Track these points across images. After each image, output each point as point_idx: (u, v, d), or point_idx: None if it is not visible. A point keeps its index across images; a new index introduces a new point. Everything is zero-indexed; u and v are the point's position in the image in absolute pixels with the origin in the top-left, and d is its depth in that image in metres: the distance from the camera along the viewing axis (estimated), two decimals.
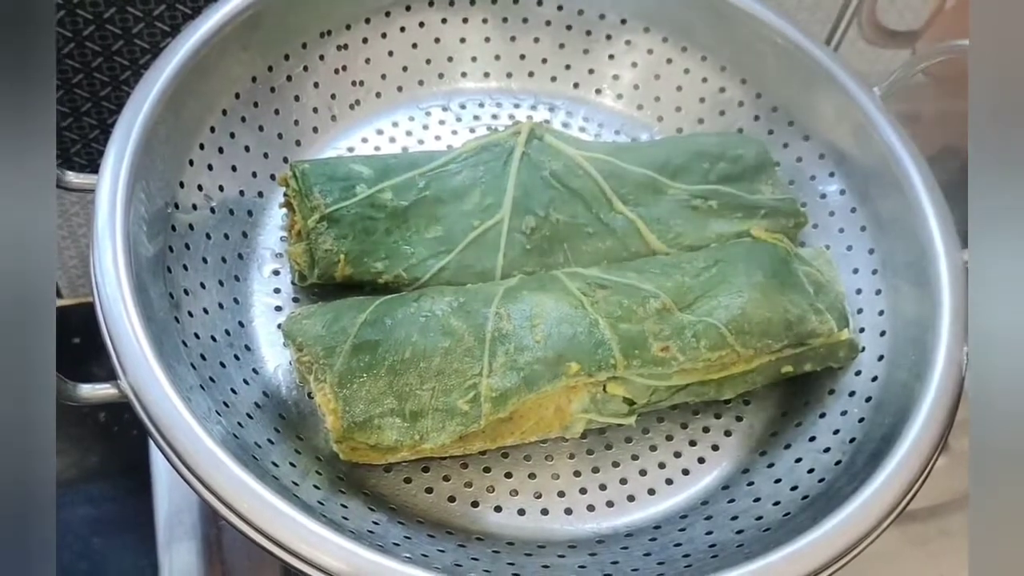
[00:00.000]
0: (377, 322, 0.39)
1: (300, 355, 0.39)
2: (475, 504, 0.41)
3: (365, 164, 0.45)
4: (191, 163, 0.44)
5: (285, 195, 0.45)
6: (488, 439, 0.40)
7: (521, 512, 0.41)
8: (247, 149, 0.47)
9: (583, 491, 0.42)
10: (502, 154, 0.46)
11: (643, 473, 0.42)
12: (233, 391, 0.40)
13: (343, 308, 0.40)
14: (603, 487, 0.42)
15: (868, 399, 0.42)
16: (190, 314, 0.41)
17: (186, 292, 0.41)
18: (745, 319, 0.41)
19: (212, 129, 0.45)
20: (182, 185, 0.43)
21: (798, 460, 0.42)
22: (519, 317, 0.39)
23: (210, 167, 0.45)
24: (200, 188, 0.44)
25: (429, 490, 0.41)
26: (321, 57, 0.49)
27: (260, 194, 0.47)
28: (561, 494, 0.42)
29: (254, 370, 0.42)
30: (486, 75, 0.53)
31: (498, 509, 0.41)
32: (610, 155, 0.47)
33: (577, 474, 0.42)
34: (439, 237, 0.44)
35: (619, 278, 0.41)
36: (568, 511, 0.41)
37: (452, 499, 0.41)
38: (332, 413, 0.38)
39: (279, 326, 0.44)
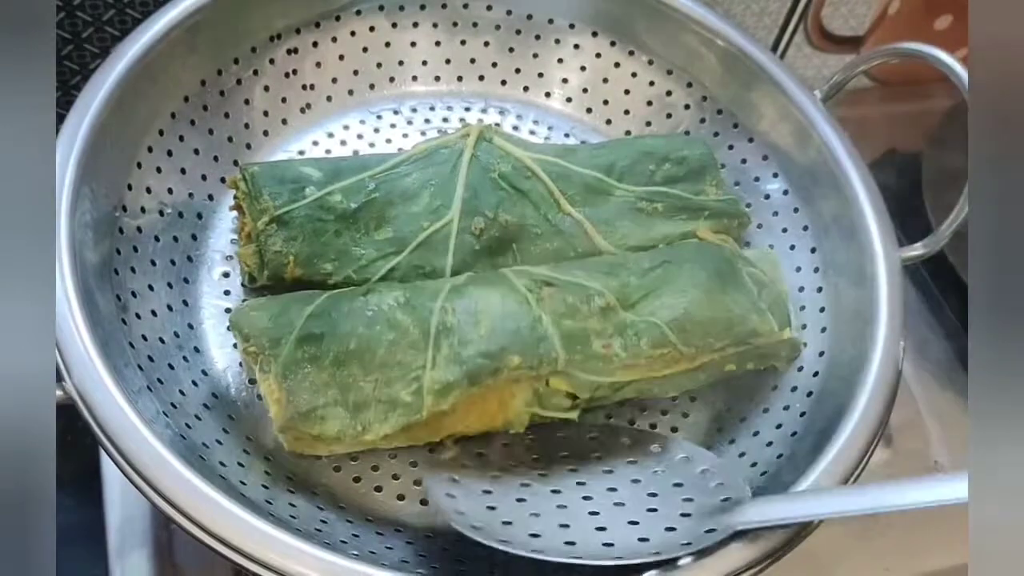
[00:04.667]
0: (323, 315, 0.40)
1: (246, 345, 0.39)
2: (424, 502, 0.41)
3: (315, 167, 0.45)
4: (139, 166, 0.44)
5: (235, 198, 0.45)
6: (432, 431, 0.40)
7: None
8: (196, 152, 0.47)
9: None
10: (452, 156, 0.46)
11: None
12: (181, 392, 0.40)
13: (290, 301, 0.41)
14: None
15: (809, 394, 0.43)
16: (138, 316, 0.41)
17: (134, 295, 0.41)
18: (687, 318, 0.41)
19: (160, 132, 0.45)
20: (130, 188, 0.43)
21: (742, 454, 0.42)
22: (464, 312, 0.40)
23: (159, 170, 0.45)
24: (148, 191, 0.44)
25: (378, 488, 0.41)
26: (271, 61, 0.49)
27: (210, 197, 0.47)
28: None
29: (203, 372, 0.42)
30: (436, 79, 0.54)
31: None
32: (558, 157, 0.47)
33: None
34: (389, 239, 0.45)
35: (566, 276, 0.42)
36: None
37: (401, 497, 0.41)
38: (276, 403, 0.38)
39: (228, 328, 0.44)
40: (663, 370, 0.42)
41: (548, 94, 0.54)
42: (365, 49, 0.52)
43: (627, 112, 0.54)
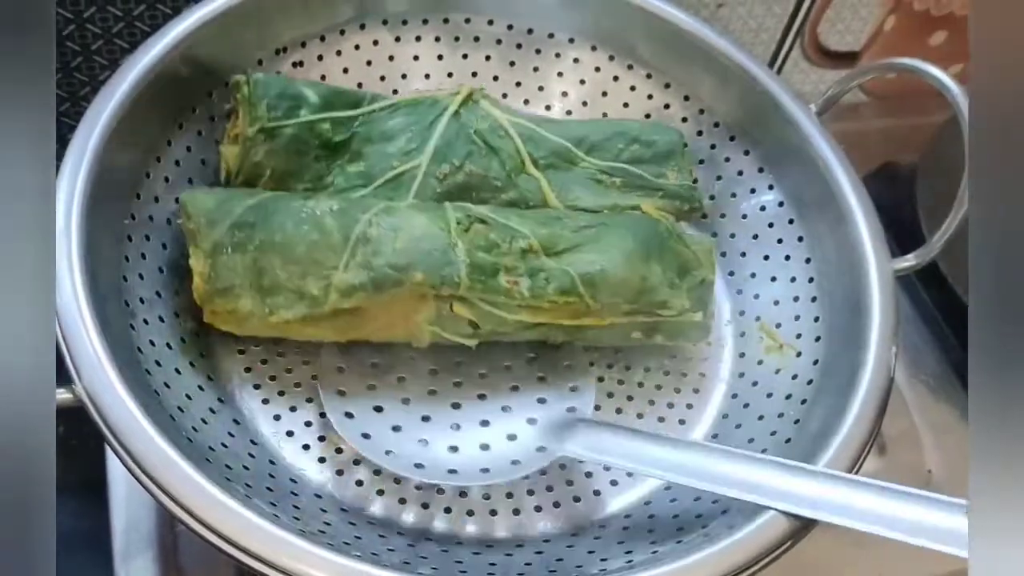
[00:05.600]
0: (260, 208, 0.42)
1: (187, 222, 0.42)
2: (425, 506, 0.42)
3: (314, 90, 0.48)
4: (147, 175, 0.45)
5: (233, 98, 0.47)
6: (338, 330, 0.43)
7: (470, 513, 0.42)
8: (203, 163, 0.48)
9: (530, 492, 0.43)
10: (437, 109, 0.49)
11: (588, 475, 0.44)
12: (188, 397, 0.41)
13: (237, 192, 0.44)
14: (550, 488, 0.43)
15: (803, 401, 0.44)
16: (145, 322, 0.42)
17: (141, 301, 0.42)
18: (600, 275, 0.43)
19: (168, 143, 0.46)
20: (138, 197, 0.44)
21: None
22: (387, 227, 0.42)
23: (167, 180, 0.46)
24: (157, 200, 0.45)
25: (380, 492, 0.42)
26: (277, 74, 0.50)
27: None
28: (509, 495, 0.43)
29: (209, 377, 0.43)
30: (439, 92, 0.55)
31: (447, 510, 0.42)
32: (535, 124, 0.50)
33: (525, 476, 0.43)
34: (360, 172, 0.47)
35: (501, 218, 0.44)
36: (516, 511, 0.42)
37: (403, 500, 0.42)
38: (199, 276, 0.42)
39: (235, 335, 0.45)
40: (569, 319, 0.43)
41: (548, 107, 0.55)
42: (369, 62, 0.53)
43: None
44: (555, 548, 0.41)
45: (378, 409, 0.43)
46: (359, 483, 0.42)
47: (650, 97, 0.54)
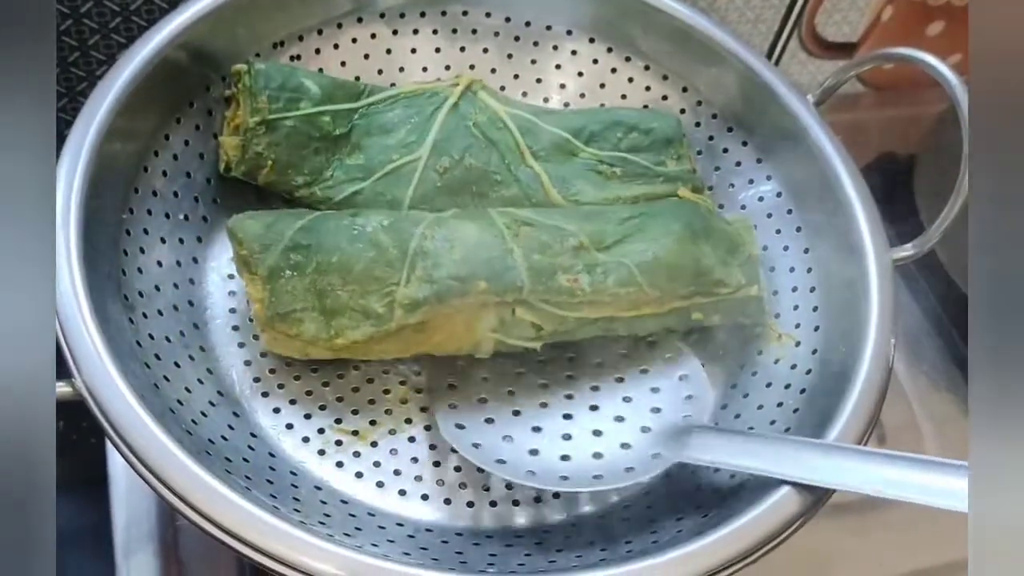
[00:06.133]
0: (312, 229, 0.42)
1: (239, 249, 0.42)
2: (424, 497, 0.42)
3: (315, 82, 0.48)
4: (145, 170, 0.45)
5: (234, 85, 0.47)
6: (402, 346, 0.43)
7: (470, 504, 0.42)
8: (201, 156, 0.48)
9: None
10: (436, 101, 0.49)
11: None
12: (187, 390, 0.41)
13: (283, 214, 0.44)
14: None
15: (803, 391, 0.44)
16: (144, 316, 0.42)
17: (141, 294, 0.42)
18: (656, 262, 0.44)
19: (166, 137, 0.46)
20: (136, 191, 0.44)
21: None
22: (442, 239, 0.42)
23: (164, 174, 0.46)
24: (155, 194, 0.45)
25: (380, 484, 0.42)
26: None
27: (215, 200, 0.48)
28: (509, 487, 0.43)
29: (208, 370, 0.43)
30: None
31: (447, 502, 0.42)
32: (534, 115, 0.50)
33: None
34: (359, 165, 0.48)
35: (546, 220, 0.44)
36: (516, 503, 0.43)
37: (403, 492, 0.42)
38: (259, 303, 0.41)
39: (234, 327, 0.45)
40: (629, 311, 0.44)
41: (546, 99, 0.55)
42: (366, 56, 0.53)
43: None
44: (554, 539, 0.41)
45: (489, 421, 0.43)
46: (359, 475, 0.42)
47: (648, 89, 0.54)
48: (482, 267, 0.42)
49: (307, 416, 0.43)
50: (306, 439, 0.43)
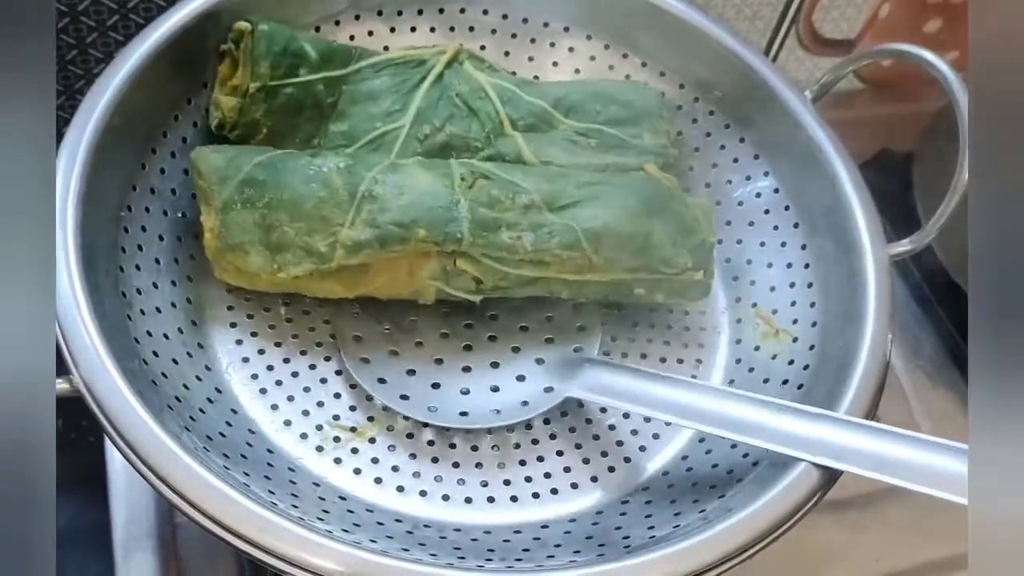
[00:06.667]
0: (269, 165, 0.43)
1: (198, 179, 0.43)
2: (423, 493, 0.42)
3: (314, 47, 0.48)
4: (143, 167, 0.45)
5: (230, 40, 0.47)
6: (345, 286, 0.44)
7: (468, 500, 0.42)
8: None
9: (528, 479, 0.43)
10: (422, 71, 0.50)
11: (586, 461, 0.44)
12: (185, 387, 0.41)
13: (245, 150, 0.45)
14: (548, 475, 0.43)
15: (800, 386, 0.44)
16: (142, 313, 0.42)
17: (138, 291, 0.42)
18: (605, 230, 0.44)
19: (164, 135, 0.46)
20: (134, 188, 0.44)
21: (733, 446, 0.43)
22: (392, 184, 0.43)
23: (162, 171, 0.46)
24: (153, 191, 0.45)
25: (378, 480, 0.42)
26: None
27: None
28: (507, 482, 0.43)
29: (206, 367, 0.43)
30: None
31: (445, 498, 0.42)
32: (515, 86, 0.50)
33: (523, 463, 0.44)
34: (343, 131, 0.48)
35: (504, 174, 0.45)
36: (514, 499, 0.43)
37: (401, 488, 0.42)
38: (210, 231, 0.43)
39: (231, 324, 0.45)
40: (572, 274, 0.44)
41: None
42: (362, 49, 0.53)
43: None
44: (552, 535, 0.41)
45: (393, 353, 0.45)
46: (357, 471, 0.42)
47: (645, 85, 0.54)
48: (424, 214, 0.42)
49: (305, 413, 0.43)
50: (304, 435, 0.43)
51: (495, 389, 0.44)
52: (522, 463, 0.44)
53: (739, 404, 0.40)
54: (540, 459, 0.44)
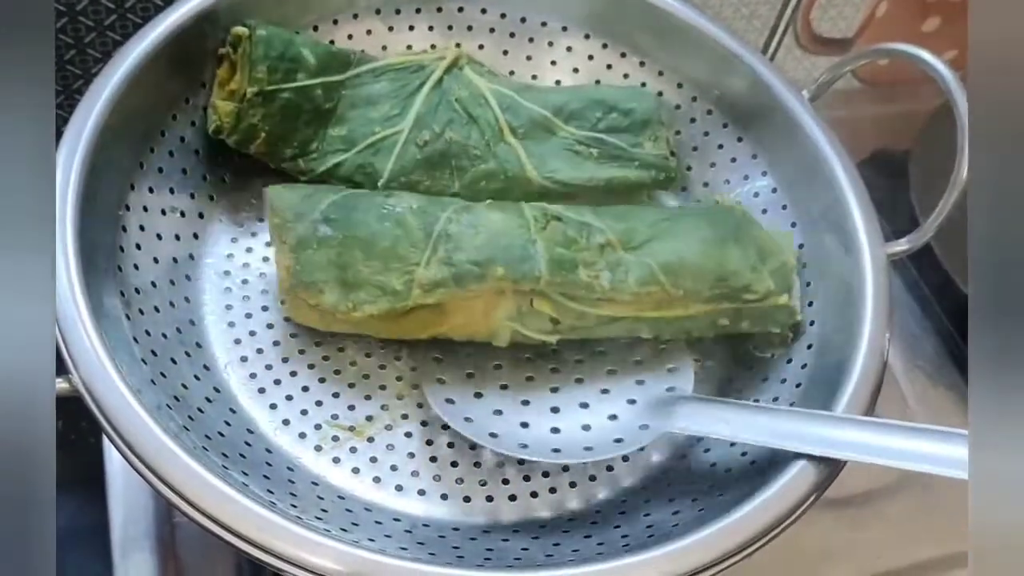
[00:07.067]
0: (344, 204, 0.43)
1: (273, 217, 0.43)
2: (421, 492, 0.42)
3: (312, 51, 0.48)
4: (141, 166, 0.45)
5: (228, 44, 0.47)
6: (419, 326, 0.44)
7: (466, 499, 0.42)
8: (197, 153, 0.48)
9: (526, 478, 0.43)
10: (421, 76, 0.50)
11: (584, 464, 0.44)
12: (184, 386, 0.41)
13: (320, 189, 0.45)
14: (546, 475, 0.43)
15: (798, 385, 0.44)
16: (141, 312, 0.42)
17: (137, 291, 0.42)
18: (680, 262, 0.43)
19: (162, 133, 0.46)
20: (133, 187, 0.44)
21: (732, 444, 0.43)
22: (467, 224, 0.43)
23: (160, 170, 0.46)
24: (151, 190, 0.45)
25: (377, 479, 0.42)
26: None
27: (211, 197, 0.48)
28: (506, 481, 0.43)
29: (205, 367, 0.43)
30: None
31: (444, 497, 0.42)
32: (515, 92, 0.50)
33: (521, 462, 0.44)
34: (342, 136, 0.48)
35: (575, 215, 0.44)
36: (512, 498, 0.43)
37: (399, 488, 0.42)
38: (285, 270, 0.42)
39: (230, 324, 0.45)
40: (652, 311, 0.44)
41: None
42: (363, 52, 0.53)
43: None
44: (551, 534, 0.41)
45: (478, 396, 0.44)
46: (355, 471, 0.42)
47: (643, 85, 0.54)
48: (501, 253, 0.42)
49: (303, 412, 0.43)
50: (303, 435, 0.43)
51: (586, 428, 0.43)
52: (520, 462, 0.44)
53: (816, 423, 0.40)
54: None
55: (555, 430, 0.42)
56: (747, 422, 0.40)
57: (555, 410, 0.43)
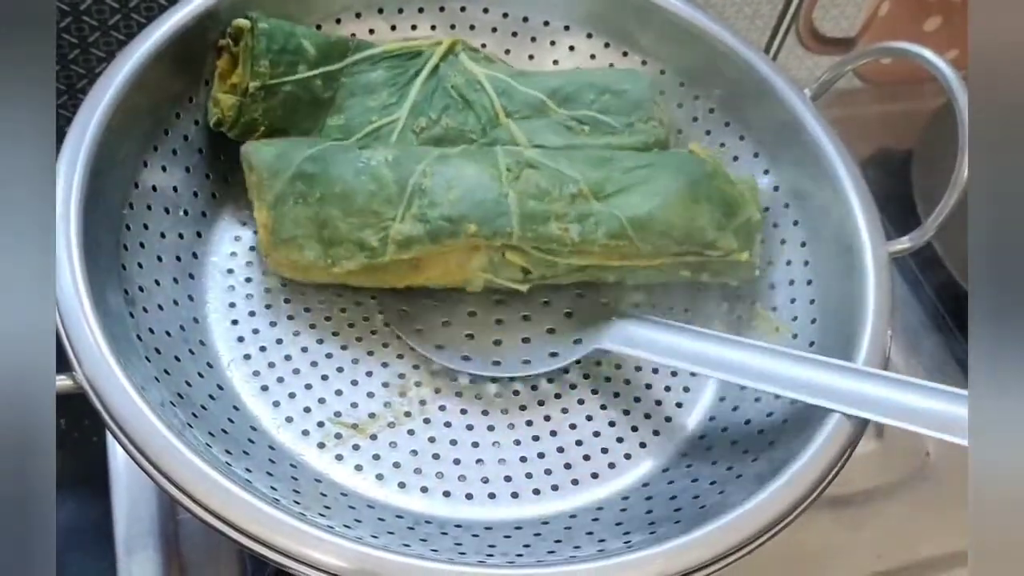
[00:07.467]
0: (319, 159, 0.44)
1: (250, 174, 0.44)
2: (424, 490, 0.42)
3: (312, 42, 0.48)
4: (145, 164, 0.45)
5: (227, 35, 0.47)
6: (396, 277, 0.45)
7: (469, 497, 0.42)
8: (200, 151, 0.48)
9: (529, 476, 0.43)
10: (419, 63, 0.50)
11: (587, 458, 0.44)
12: (188, 383, 0.41)
13: (295, 141, 0.46)
14: (548, 472, 0.44)
15: None
16: (145, 310, 0.42)
17: (141, 289, 0.42)
18: (649, 218, 0.44)
19: (166, 132, 0.46)
20: (136, 186, 0.44)
21: (734, 443, 0.43)
22: (440, 177, 0.44)
23: (164, 168, 0.46)
24: (154, 189, 0.45)
25: (380, 476, 0.42)
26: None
27: (214, 196, 0.48)
28: (508, 479, 0.43)
29: (208, 364, 0.43)
30: None
31: (447, 494, 0.42)
32: (510, 77, 0.51)
33: (523, 459, 0.44)
34: (340, 125, 0.49)
35: (551, 162, 0.45)
36: (515, 495, 0.43)
37: (402, 485, 0.42)
38: (263, 228, 0.44)
39: (233, 322, 0.45)
40: (618, 261, 0.45)
41: None
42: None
43: None
44: (552, 531, 0.41)
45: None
46: (358, 468, 0.42)
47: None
48: (474, 210, 0.43)
49: (306, 410, 0.44)
50: (306, 432, 0.43)
51: (526, 340, 0.46)
52: (523, 459, 0.44)
53: (762, 355, 0.42)
54: (541, 455, 0.44)
55: (497, 343, 0.46)
56: (681, 348, 0.43)
57: (499, 322, 0.46)
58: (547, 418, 0.45)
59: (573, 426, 0.45)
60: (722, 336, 0.44)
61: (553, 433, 0.45)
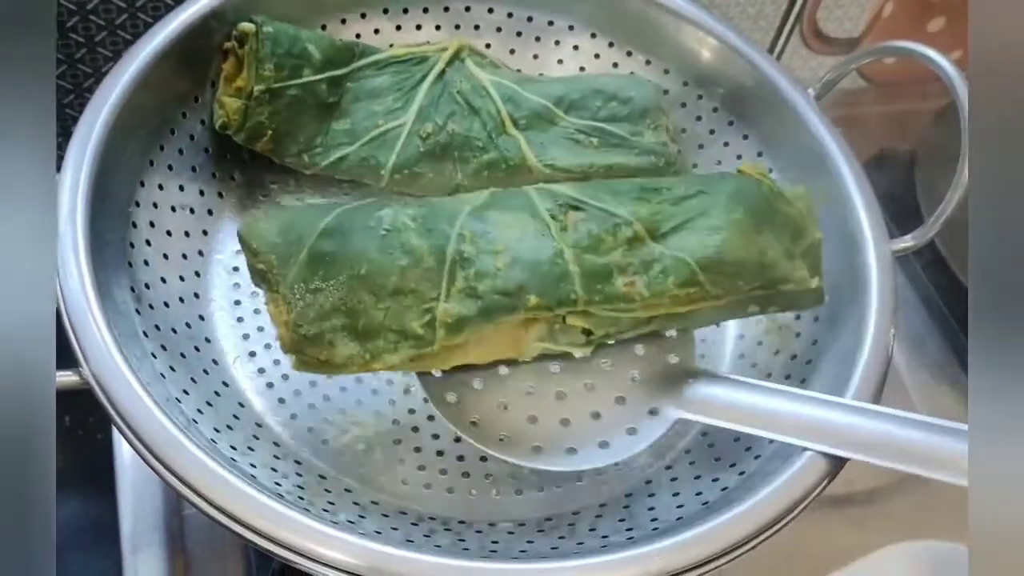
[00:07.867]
0: (335, 233, 0.38)
1: (255, 261, 0.38)
2: (428, 486, 0.42)
3: (317, 46, 0.48)
4: (151, 163, 0.45)
5: (233, 38, 0.47)
6: (441, 360, 0.39)
7: (472, 493, 0.43)
8: (207, 151, 0.48)
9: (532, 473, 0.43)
10: (425, 68, 0.50)
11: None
12: (193, 380, 0.41)
13: (300, 214, 0.40)
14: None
15: (802, 381, 0.44)
16: (151, 307, 0.42)
17: (147, 286, 0.43)
18: (719, 258, 0.40)
19: (172, 131, 0.47)
20: (143, 184, 0.45)
21: (736, 439, 0.44)
22: (482, 240, 0.39)
23: (170, 168, 0.46)
24: (161, 188, 0.45)
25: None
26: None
27: (220, 195, 0.49)
28: (513, 475, 0.43)
29: (214, 361, 0.44)
30: None
31: (450, 490, 0.42)
32: (516, 83, 0.51)
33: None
34: (345, 130, 0.49)
35: (593, 200, 0.41)
36: (519, 492, 0.43)
37: (404, 481, 0.42)
38: (283, 325, 0.37)
39: (238, 319, 0.46)
40: (686, 307, 0.40)
41: None
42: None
43: None
44: (556, 528, 0.41)
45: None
46: (363, 465, 0.42)
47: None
48: (531, 277, 0.38)
49: (311, 407, 0.44)
50: (310, 429, 0.43)
51: (596, 416, 0.40)
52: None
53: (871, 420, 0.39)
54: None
55: (565, 422, 0.39)
56: (764, 409, 0.39)
57: (560, 396, 0.40)
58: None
59: None
60: (815, 397, 0.40)
61: None
